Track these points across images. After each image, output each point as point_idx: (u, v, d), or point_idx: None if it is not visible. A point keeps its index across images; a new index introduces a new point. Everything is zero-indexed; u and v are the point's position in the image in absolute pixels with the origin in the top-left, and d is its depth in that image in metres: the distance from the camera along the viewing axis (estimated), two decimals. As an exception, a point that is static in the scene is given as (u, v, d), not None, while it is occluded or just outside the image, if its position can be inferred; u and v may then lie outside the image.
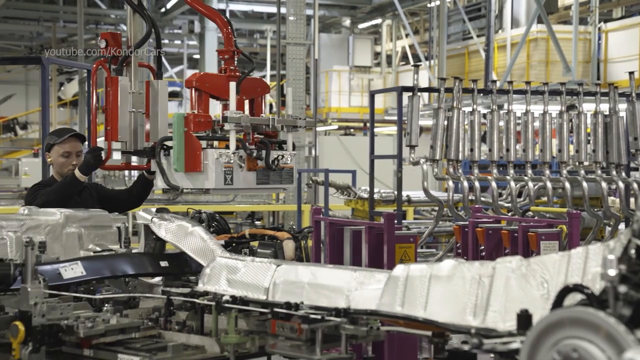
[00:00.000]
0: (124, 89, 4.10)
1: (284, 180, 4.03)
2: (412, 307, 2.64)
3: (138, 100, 4.17)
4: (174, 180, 3.81)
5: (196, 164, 3.74)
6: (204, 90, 3.89)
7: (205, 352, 2.98)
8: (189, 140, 3.75)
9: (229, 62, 4.05)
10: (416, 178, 9.22)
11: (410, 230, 6.05)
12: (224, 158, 3.74)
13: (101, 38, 4.24)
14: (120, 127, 4.09)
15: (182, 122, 3.75)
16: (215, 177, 3.73)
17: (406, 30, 24.02)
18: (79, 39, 21.97)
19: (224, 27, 4.10)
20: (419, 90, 7.52)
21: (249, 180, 3.87)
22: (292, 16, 14.02)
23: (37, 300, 2.90)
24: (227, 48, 4.07)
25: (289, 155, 4.06)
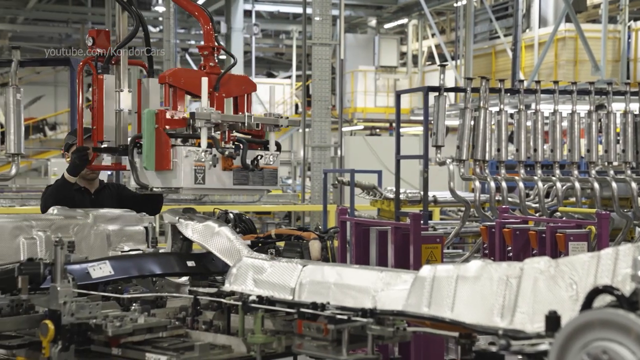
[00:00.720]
0: (109, 87, 3.97)
1: (266, 182, 3.85)
2: (438, 308, 2.63)
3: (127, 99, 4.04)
4: (145, 179, 3.66)
5: (166, 162, 3.58)
6: (178, 87, 3.74)
7: (232, 352, 2.99)
8: (159, 137, 3.59)
9: (208, 59, 3.91)
10: (442, 178, 9.18)
11: (437, 230, 6.03)
12: (193, 156, 3.58)
13: (89, 36, 4.12)
14: (106, 126, 3.96)
15: (152, 118, 3.60)
16: (184, 176, 3.57)
17: (432, 30, 23.93)
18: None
19: (205, 23, 3.95)
20: (445, 90, 7.48)
21: (224, 180, 3.70)
22: (318, 16, 14.02)
23: (67, 299, 2.93)
24: (206, 44, 3.93)
25: (272, 156, 3.87)
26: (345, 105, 22.91)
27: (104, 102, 3.95)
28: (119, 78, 4.02)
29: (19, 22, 26.41)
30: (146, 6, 27.03)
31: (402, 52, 26.98)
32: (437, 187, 10.37)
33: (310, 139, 14.91)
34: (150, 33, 29.40)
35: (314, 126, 14.42)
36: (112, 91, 3.98)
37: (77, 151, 4.11)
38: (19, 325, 3.20)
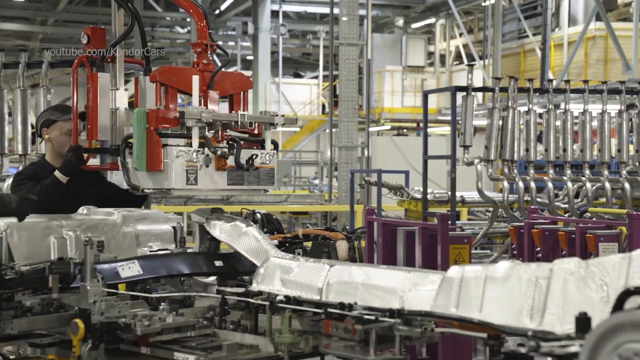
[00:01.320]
0: (104, 86, 3.86)
1: (262, 182, 3.75)
2: (467, 309, 2.62)
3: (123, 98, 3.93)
4: (136, 180, 3.58)
5: (157, 163, 3.49)
6: (170, 85, 3.64)
7: (259, 352, 2.99)
8: (150, 137, 3.50)
9: (201, 56, 3.79)
10: (470, 178, 9.13)
11: (464, 231, 6.00)
12: (185, 156, 3.49)
13: (84, 33, 4.02)
14: (100, 125, 3.85)
15: (143, 118, 3.50)
16: (175, 177, 3.48)
17: (460, 29, 23.83)
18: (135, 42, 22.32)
19: (199, 20, 3.84)
20: (473, 89, 7.45)
21: (217, 180, 3.61)
22: (345, 16, 14.02)
23: (96, 298, 2.95)
24: (200, 41, 3.81)
25: (268, 155, 3.77)
26: (372, 105, 22.90)
27: (98, 101, 3.85)
28: (114, 76, 3.91)
29: (50, 23, 26.71)
30: (174, 7, 27.23)
31: (429, 51, 26.90)
32: (464, 188, 10.33)
33: (337, 139, 14.91)
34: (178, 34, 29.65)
35: (341, 126, 14.42)
36: (107, 89, 3.89)
37: (73, 149, 3.99)
38: (49, 324, 3.23)
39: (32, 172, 4.32)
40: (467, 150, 7.37)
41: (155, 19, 27.07)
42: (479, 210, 12.58)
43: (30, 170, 4.37)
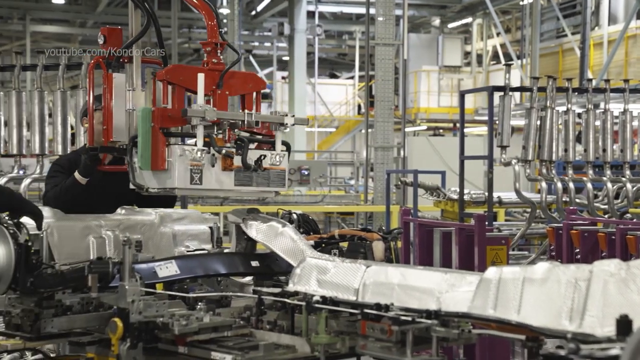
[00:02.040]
0: (119, 86, 3.81)
1: (272, 183, 3.68)
2: (505, 310, 2.59)
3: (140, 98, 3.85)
4: (141, 180, 3.53)
5: (161, 162, 3.44)
6: (177, 84, 3.58)
7: (296, 352, 2.99)
8: (155, 136, 3.45)
9: (211, 55, 3.72)
10: (507, 179, 9.05)
11: (502, 232, 5.95)
12: (189, 155, 3.43)
13: (100, 34, 3.96)
14: (116, 126, 3.79)
15: (148, 117, 3.45)
16: (179, 176, 3.42)
17: (497, 28, 23.64)
18: (172, 42, 22.52)
19: (210, 19, 3.76)
20: (510, 89, 7.39)
21: (223, 181, 3.53)
22: (381, 17, 13.98)
23: (135, 297, 2.98)
24: (210, 40, 3.74)
25: (279, 156, 3.70)
26: (409, 106, 22.81)
27: (113, 101, 3.80)
28: (131, 77, 3.87)
29: (89, 25, 27.05)
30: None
31: (466, 51, 26.73)
32: (501, 188, 10.24)
33: (373, 140, 14.88)
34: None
35: (376, 127, 14.39)
36: (122, 90, 3.83)
37: (87, 150, 3.98)
38: (89, 323, 3.27)
39: (67, 162, 4.36)
40: (504, 151, 7.31)
41: (192, 20, 27.28)
42: (517, 211, 12.46)
43: (66, 160, 4.40)
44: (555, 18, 19.12)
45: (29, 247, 3.26)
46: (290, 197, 17.77)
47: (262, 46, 30.49)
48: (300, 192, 18.50)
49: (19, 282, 3.21)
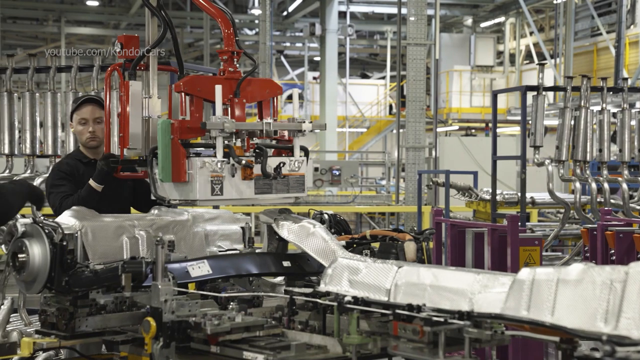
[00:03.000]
0: (135, 94, 3.84)
1: (292, 189, 3.69)
2: (538, 312, 2.57)
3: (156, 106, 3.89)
4: (163, 192, 3.56)
5: (181, 174, 3.47)
6: (195, 95, 3.60)
7: (327, 352, 2.99)
8: (175, 148, 3.47)
9: (228, 63, 3.75)
10: (540, 179, 8.96)
11: (535, 232, 5.90)
12: (209, 167, 3.45)
13: (117, 41, 3.97)
14: (132, 133, 3.82)
15: (168, 129, 3.47)
16: (200, 188, 3.44)
17: (530, 28, 23.45)
18: (204, 44, 22.68)
19: (226, 27, 3.77)
20: (544, 89, 7.33)
21: (244, 190, 3.56)
22: (413, 16, 13.93)
23: (167, 297, 3.00)
24: (226, 48, 3.75)
25: (297, 162, 3.72)
26: (440, 106, 22.73)
27: (129, 109, 3.81)
28: (147, 84, 3.89)
29: (122, 27, 27.32)
30: (242, 9, 27.53)
31: (498, 51, 26.55)
32: (534, 189, 10.15)
33: (404, 140, 14.84)
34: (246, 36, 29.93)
35: (408, 127, 14.34)
36: (139, 97, 3.85)
37: (104, 158, 3.96)
38: (122, 322, 3.31)
39: (68, 167, 4.35)
40: (537, 151, 7.25)
41: (223, 21, 27.40)
42: (550, 211, 12.34)
43: (66, 165, 4.39)
44: (590, 16, 18.90)
45: (64, 247, 3.30)
46: (322, 197, 17.78)
47: (293, 47, 30.55)
48: (331, 192, 18.50)
49: (55, 281, 3.25)
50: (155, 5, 3.93)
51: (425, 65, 14.59)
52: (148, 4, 3.93)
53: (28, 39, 28.44)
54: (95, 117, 4.35)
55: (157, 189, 3.56)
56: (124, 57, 3.90)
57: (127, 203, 4.37)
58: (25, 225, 3.36)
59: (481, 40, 25.60)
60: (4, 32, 24.61)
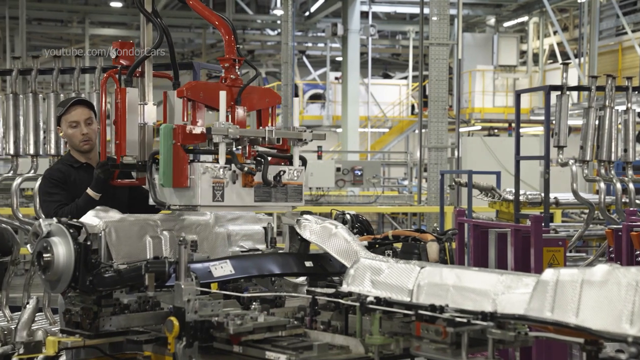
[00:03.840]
0: (132, 100, 3.84)
1: (289, 198, 3.72)
2: (562, 313, 2.55)
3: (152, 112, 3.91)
4: (162, 197, 3.55)
5: (183, 179, 3.47)
6: (197, 100, 3.62)
7: (350, 353, 2.99)
8: (177, 153, 3.48)
9: (229, 71, 3.77)
10: (564, 180, 8.89)
11: (559, 233, 5.86)
12: (211, 172, 3.46)
13: (112, 48, 3.97)
14: (129, 140, 3.84)
15: (170, 134, 3.48)
16: (202, 193, 3.45)
17: (554, 27, 23.29)
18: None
19: (227, 34, 3.78)
20: (568, 89, 7.27)
21: (244, 197, 3.58)
22: (436, 16, 13.89)
23: (190, 297, 3.01)
24: (227, 56, 3.77)
25: (296, 171, 3.75)
26: (463, 106, 22.64)
27: (126, 116, 3.82)
28: (143, 91, 3.90)
29: (145, 28, 27.44)
30: (264, 10, 27.59)
31: (522, 50, 26.39)
32: (557, 189, 10.08)
33: (426, 140, 14.80)
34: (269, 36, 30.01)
35: (430, 127, 14.30)
36: (135, 104, 3.85)
37: (101, 165, 3.96)
38: (145, 321, 3.32)
39: (59, 173, 4.30)
40: (561, 151, 7.20)
41: (246, 21, 27.49)
42: (574, 212, 12.26)
43: (57, 171, 4.34)
44: (615, 15, 18.74)
45: (88, 247, 3.32)
46: (344, 197, 17.78)
47: (315, 47, 30.56)
48: (353, 192, 18.49)
49: (79, 280, 3.27)
50: (150, 12, 3.93)
51: (448, 65, 14.54)
52: (143, 10, 3.93)
53: (53, 40, 28.69)
54: (85, 118, 4.31)
55: (157, 194, 3.56)
56: (120, 64, 3.91)
57: (124, 210, 4.33)
58: (50, 225, 3.39)
59: (504, 39, 25.45)
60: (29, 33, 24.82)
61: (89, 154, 4.39)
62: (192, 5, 3.88)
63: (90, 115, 4.34)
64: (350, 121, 23.35)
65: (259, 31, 28.76)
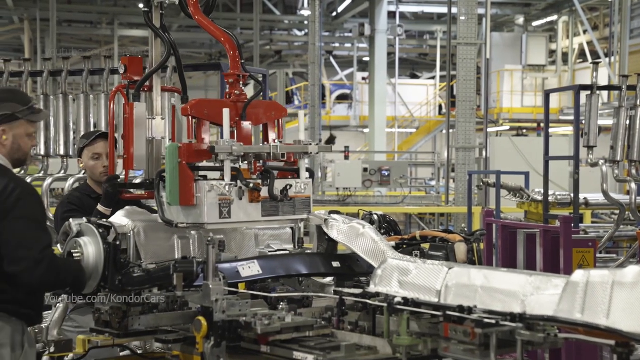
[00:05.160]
0: (140, 115, 3.85)
1: (297, 211, 3.72)
2: (593, 315, 2.52)
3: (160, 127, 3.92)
4: (170, 215, 3.54)
5: (189, 198, 3.47)
6: (202, 118, 3.62)
7: (377, 353, 2.98)
8: (182, 172, 3.48)
9: (233, 87, 3.77)
10: (594, 180, 8.80)
11: (588, 234, 5.80)
12: (217, 190, 3.46)
13: (121, 63, 3.97)
14: (136, 155, 3.83)
15: (175, 152, 3.48)
16: (208, 211, 3.45)
17: (584, 26, 23.07)
18: (254, 45, 22.82)
19: (232, 50, 3.78)
20: (598, 88, 7.20)
21: (251, 212, 3.58)
22: (464, 16, 13.82)
23: (218, 297, 3.02)
24: (232, 72, 3.77)
25: (303, 184, 3.74)
26: (491, 106, 22.47)
27: (134, 131, 3.82)
28: (151, 105, 3.91)
29: (174, 30, 27.64)
30: (292, 10, 27.63)
31: (551, 50, 26.16)
32: (587, 189, 9.98)
33: (454, 140, 14.73)
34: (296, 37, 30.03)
35: (458, 127, 14.24)
36: (143, 119, 3.86)
37: (109, 180, 3.97)
38: (174, 321, 3.34)
39: (77, 200, 4.42)
40: (591, 151, 7.13)
41: (273, 22, 27.55)
42: (604, 212, 12.13)
43: (76, 198, 4.46)
44: (645, 14, 18.51)
45: (117, 247, 3.35)
46: (371, 198, 17.74)
47: (342, 47, 30.53)
48: (380, 193, 18.45)
49: (108, 280, 3.30)
50: (158, 26, 3.95)
51: (476, 65, 14.45)
52: (151, 25, 3.94)
53: (82, 42, 28.96)
54: (108, 152, 4.35)
55: (165, 213, 3.55)
56: (128, 79, 3.92)
57: None
58: (80, 225, 3.42)
59: (533, 39, 25.24)
60: (60, 35, 25.09)
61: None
62: (198, 21, 3.88)
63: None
64: (378, 121, 23.30)
65: (287, 32, 28.81)
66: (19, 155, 3.41)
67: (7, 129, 3.35)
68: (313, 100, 17.84)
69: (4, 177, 3.26)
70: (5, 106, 3.35)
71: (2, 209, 3.18)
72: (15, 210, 3.19)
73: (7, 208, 3.18)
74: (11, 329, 3.24)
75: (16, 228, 3.18)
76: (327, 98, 26.09)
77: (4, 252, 3.16)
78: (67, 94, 6.33)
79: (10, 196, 3.20)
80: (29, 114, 3.42)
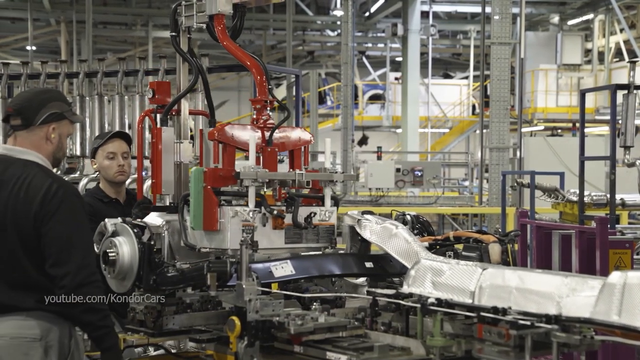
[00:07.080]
0: (168, 140, 3.85)
1: (321, 239, 3.71)
2: (630, 317, 2.49)
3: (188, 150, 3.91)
4: (193, 239, 3.53)
5: (212, 223, 3.45)
6: (228, 143, 3.61)
7: (410, 354, 2.97)
8: (207, 196, 3.47)
9: (260, 112, 3.75)
10: (631, 180, 8.69)
11: (625, 235, 5.73)
12: (240, 216, 3.44)
13: (149, 87, 3.98)
14: (164, 180, 3.82)
15: (200, 177, 3.47)
16: (231, 237, 3.42)
17: (621, 24, 22.77)
18: (287, 45, 22.86)
19: (258, 75, 3.76)
20: (635, 87, 7.11)
21: (274, 239, 3.57)
22: (498, 15, 13.72)
23: (251, 297, 3.03)
24: (259, 97, 3.75)
25: (327, 212, 3.72)
26: (525, 106, 22.26)
27: (162, 155, 3.83)
28: (179, 129, 3.91)
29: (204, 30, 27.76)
30: (324, 11, 27.66)
31: (586, 49, 25.86)
32: (624, 190, 9.85)
33: (488, 140, 14.63)
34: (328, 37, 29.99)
35: (492, 127, 14.13)
36: (171, 143, 3.86)
37: (138, 205, 3.89)
38: (208, 321, 3.36)
39: (89, 207, 4.30)
40: (628, 151, 7.05)
41: (306, 22, 27.60)
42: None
43: (88, 205, 4.32)
44: (683, 12, 18.21)
45: (151, 246, 3.38)
46: (404, 198, 17.68)
47: (375, 47, 30.49)
48: (413, 193, 18.39)
49: (143, 279, 3.33)
50: (186, 50, 3.96)
51: (510, 64, 14.34)
52: (179, 50, 3.94)
53: (117, 43, 29.25)
54: (123, 151, 4.45)
55: (188, 237, 3.55)
56: (156, 103, 3.92)
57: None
58: (115, 224, 3.46)
59: (568, 38, 24.97)
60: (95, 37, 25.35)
61: (119, 188, 4.53)
62: (226, 46, 3.85)
63: (127, 149, 4.49)
64: (410, 121, 23.22)
65: (319, 32, 28.83)
66: (60, 154, 3.42)
67: (56, 127, 3.37)
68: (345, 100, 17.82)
69: (47, 177, 3.27)
70: (55, 105, 3.37)
71: (47, 211, 3.18)
72: (60, 211, 3.18)
73: (52, 209, 3.18)
74: (59, 331, 3.22)
75: (61, 230, 3.17)
76: (359, 98, 26.05)
77: (48, 253, 3.16)
78: (102, 95, 6.40)
79: (55, 197, 3.19)
80: (72, 115, 3.47)
